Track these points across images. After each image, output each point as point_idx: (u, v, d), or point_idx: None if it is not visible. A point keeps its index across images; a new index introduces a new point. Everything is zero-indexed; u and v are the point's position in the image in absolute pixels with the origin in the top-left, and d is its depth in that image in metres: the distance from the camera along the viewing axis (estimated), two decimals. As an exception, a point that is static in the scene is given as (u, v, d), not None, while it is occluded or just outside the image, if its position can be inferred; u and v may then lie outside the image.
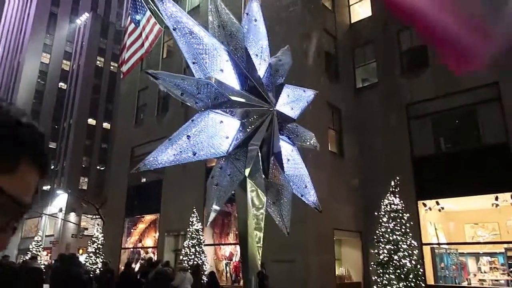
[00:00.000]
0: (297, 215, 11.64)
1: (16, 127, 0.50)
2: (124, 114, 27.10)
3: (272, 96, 3.96)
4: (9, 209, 0.50)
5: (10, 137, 0.49)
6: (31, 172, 0.53)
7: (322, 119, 17.27)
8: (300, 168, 4.26)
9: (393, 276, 8.41)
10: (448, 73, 17.09)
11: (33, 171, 0.53)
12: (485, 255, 17.90)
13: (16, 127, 0.50)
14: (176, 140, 3.18)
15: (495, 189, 15.43)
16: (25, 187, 0.52)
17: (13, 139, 0.50)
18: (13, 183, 0.50)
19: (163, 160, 3.04)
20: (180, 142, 3.16)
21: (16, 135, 0.50)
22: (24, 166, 0.51)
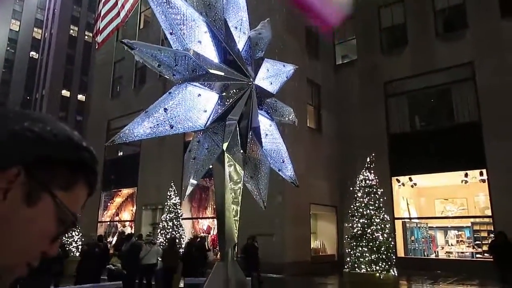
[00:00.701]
0: (274, 190, 11.80)
1: (80, 151, 0.59)
2: (99, 86, 26.36)
3: (251, 70, 3.90)
4: (66, 221, 0.58)
5: (75, 161, 0.58)
6: (84, 190, 0.61)
7: (301, 95, 17.29)
8: (278, 143, 4.27)
9: (365, 249, 8.70)
10: (426, 52, 17.35)
11: (85, 189, 0.62)
12: (453, 229, 18.76)
13: (80, 151, 0.59)
14: (153, 113, 3.12)
15: (465, 166, 16.02)
16: (78, 202, 0.60)
17: (77, 162, 0.59)
18: (70, 198, 0.58)
19: (139, 132, 2.99)
20: (156, 115, 3.10)
21: (80, 158, 0.59)
22: (80, 184, 0.60)
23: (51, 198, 0.56)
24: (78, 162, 0.59)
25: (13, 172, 0.53)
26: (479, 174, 15.81)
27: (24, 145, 0.55)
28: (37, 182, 0.55)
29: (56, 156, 0.57)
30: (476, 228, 17.53)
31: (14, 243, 0.54)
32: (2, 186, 0.53)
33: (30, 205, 0.54)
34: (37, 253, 0.57)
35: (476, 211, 17.89)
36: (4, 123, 0.56)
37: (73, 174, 0.59)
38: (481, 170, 15.62)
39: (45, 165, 0.56)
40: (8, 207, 0.53)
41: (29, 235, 0.55)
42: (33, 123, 0.57)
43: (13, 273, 0.56)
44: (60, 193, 0.57)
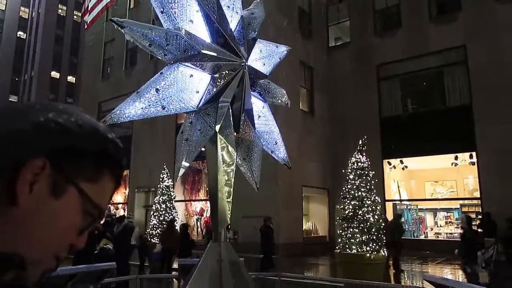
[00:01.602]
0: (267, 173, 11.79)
1: (106, 143, 0.59)
2: (89, 68, 25.94)
3: (243, 50, 3.85)
4: (92, 213, 0.58)
5: (100, 152, 0.58)
6: (110, 183, 0.60)
7: (294, 77, 17.21)
8: (270, 125, 4.25)
9: (356, 230, 8.83)
10: (419, 35, 17.27)
11: (111, 182, 0.61)
12: (442, 210, 19.10)
13: (106, 143, 0.59)
14: (144, 93, 3.07)
15: (455, 149, 16.19)
16: (104, 195, 0.60)
17: (102, 154, 0.58)
18: (96, 191, 0.57)
19: (131, 113, 2.95)
20: (148, 96, 3.05)
21: (105, 150, 0.58)
22: (106, 176, 0.59)
23: (76, 190, 0.56)
24: (103, 153, 0.58)
25: (38, 164, 0.52)
26: (469, 156, 16.01)
27: (48, 136, 0.54)
28: (63, 174, 0.55)
29: (81, 147, 0.56)
30: (464, 209, 17.83)
31: (41, 236, 0.54)
32: (28, 179, 0.52)
33: (56, 197, 0.54)
34: (65, 245, 0.57)
35: (465, 193, 18.20)
36: (29, 114, 0.55)
37: (99, 166, 0.58)
38: (471, 153, 15.82)
39: (70, 156, 0.55)
40: (35, 200, 0.53)
41: (56, 228, 0.55)
42: (57, 114, 0.56)
43: (41, 266, 0.55)
44: (86, 185, 0.57)
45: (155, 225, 14.77)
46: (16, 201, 0.52)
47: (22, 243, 0.53)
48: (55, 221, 0.55)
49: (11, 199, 0.52)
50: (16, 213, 0.52)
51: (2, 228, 0.52)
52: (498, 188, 14.31)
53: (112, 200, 6.81)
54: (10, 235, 0.52)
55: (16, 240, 0.52)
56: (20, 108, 0.57)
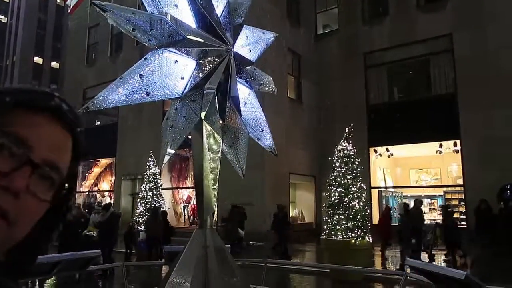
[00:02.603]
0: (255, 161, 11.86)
1: (25, 94, 0.52)
2: (73, 53, 25.38)
3: (229, 36, 3.80)
4: (13, 150, 0.48)
5: (19, 102, 0.51)
6: (51, 125, 0.52)
7: (282, 65, 17.14)
8: (257, 112, 4.24)
9: (342, 217, 8.92)
10: (407, 23, 17.31)
11: (54, 125, 0.53)
12: (426, 197, 19.44)
13: (25, 94, 0.52)
14: (128, 79, 3.01)
15: (440, 137, 16.43)
16: (39, 136, 0.51)
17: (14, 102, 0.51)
18: (13, 122, 0.49)
19: (114, 99, 2.90)
20: (132, 81, 3.00)
21: (21, 99, 0.51)
22: (36, 118, 0.51)
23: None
24: (28, 104, 0.51)
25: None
26: (453, 144, 16.26)
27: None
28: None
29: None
30: (448, 196, 18.22)
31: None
32: None
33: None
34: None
35: (449, 180, 18.54)
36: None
37: (15, 97, 0.51)
38: (455, 141, 16.07)
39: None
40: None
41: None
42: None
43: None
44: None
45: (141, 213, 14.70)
46: None
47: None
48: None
49: None
50: None
51: None
52: (480, 176, 14.61)
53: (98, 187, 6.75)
54: None
55: None
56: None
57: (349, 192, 9.16)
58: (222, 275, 3.31)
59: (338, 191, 9.21)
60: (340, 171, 9.42)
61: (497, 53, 14.99)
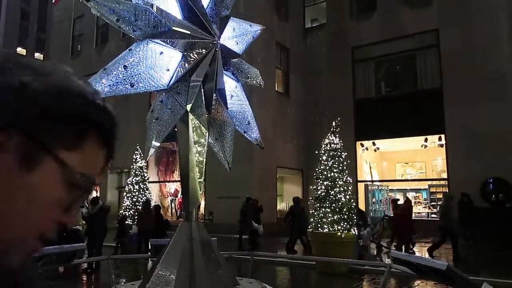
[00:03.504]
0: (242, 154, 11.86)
1: (88, 107, 0.50)
2: (58, 45, 24.92)
3: (216, 28, 3.77)
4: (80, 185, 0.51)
5: (82, 117, 0.50)
6: (98, 150, 0.53)
7: (270, 58, 17.11)
8: (243, 105, 4.22)
9: (328, 210, 9.00)
10: (394, 18, 17.43)
11: (100, 149, 0.54)
12: (412, 191, 19.76)
13: (88, 107, 0.50)
14: (112, 70, 2.97)
15: (425, 131, 16.66)
16: (92, 164, 0.53)
17: (84, 119, 0.50)
18: (81, 159, 0.50)
19: (97, 90, 2.86)
20: (116, 73, 2.96)
21: (87, 115, 0.50)
22: (91, 144, 0.52)
23: (54, 160, 0.48)
24: (85, 119, 0.51)
25: (3, 132, 0.45)
26: (438, 139, 16.51)
27: (21, 101, 0.46)
28: (36, 142, 0.47)
29: (58, 112, 0.48)
30: (432, 190, 18.55)
31: (16, 214, 0.47)
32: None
33: (30, 169, 0.47)
34: (50, 223, 0.50)
35: (434, 174, 18.86)
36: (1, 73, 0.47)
37: (81, 133, 0.51)
38: (440, 135, 16.32)
39: (44, 122, 0.47)
40: (5, 174, 0.46)
41: (33, 204, 0.48)
42: (34, 75, 0.48)
43: (24, 247, 0.49)
44: (66, 154, 0.49)
45: (128, 206, 14.62)
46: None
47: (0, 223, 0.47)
48: (32, 196, 0.48)
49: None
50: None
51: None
52: (464, 170, 14.88)
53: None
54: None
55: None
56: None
57: (336, 185, 9.24)
58: (207, 268, 3.31)
59: (325, 185, 9.28)
60: (327, 164, 9.48)
61: (482, 49, 15.21)
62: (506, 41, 14.98)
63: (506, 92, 14.65)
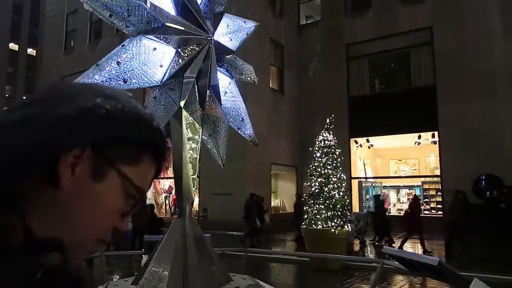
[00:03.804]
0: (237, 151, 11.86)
1: (150, 132, 0.58)
2: (51, 40, 24.68)
3: (210, 24, 3.76)
4: (134, 196, 0.58)
5: (143, 140, 0.57)
6: (151, 167, 0.60)
7: (264, 55, 17.09)
8: (237, 102, 4.22)
9: (322, 206, 9.04)
10: (388, 15, 17.46)
11: (152, 166, 0.61)
12: (405, 187, 19.90)
13: (150, 132, 0.58)
14: (105, 66, 2.96)
15: (419, 128, 16.75)
16: (145, 178, 0.60)
17: (145, 142, 0.58)
18: (137, 174, 0.57)
19: (90, 86, 2.84)
20: (108, 68, 2.94)
21: (149, 139, 0.58)
22: (146, 161, 0.59)
23: (117, 173, 0.56)
24: (147, 142, 0.58)
25: (78, 147, 0.52)
26: (431, 136, 16.62)
27: (93, 122, 0.53)
28: (104, 157, 0.54)
29: (125, 135, 0.55)
30: (426, 187, 18.68)
31: (84, 219, 0.54)
32: (69, 162, 0.52)
33: (98, 180, 0.54)
34: (108, 228, 0.57)
35: (427, 171, 18.98)
36: (76, 98, 0.54)
37: (141, 151, 0.58)
38: (433, 132, 16.42)
39: (112, 141, 0.55)
40: (77, 183, 0.53)
41: (99, 211, 0.55)
42: (105, 100, 0.55)
43: (85, 248, 0.57)
44: (127, 168, 0.56)
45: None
46: (59, 184, 0.51)
47: (66, 227, 0.53)
48: (98, 204, 0.55)
49: (54, 182, 0.51)
50: (59, 196, 0.52)
51: (46, 212, 0.52)
52: (457, 167, 15.00)
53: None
54: (54, 218, 0.52)
55: (60, 224, 0.53)
56: (69, 91, 0.56)
57: (330, 182, 9.28)
58: (201, 264, 3.32)
59: (319, 181, 9.32)
60: (320, 161, 9.51)
61: (475, 47, 15.30)
62: (499, 38, 15.08)
63: (498, 89, 14.77)
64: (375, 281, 3.95)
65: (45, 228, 0.51)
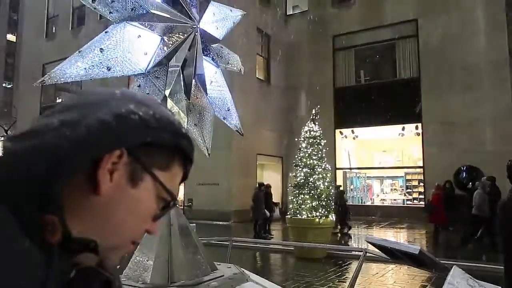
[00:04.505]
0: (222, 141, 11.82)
1: (180, 138, 0.60)
2: (31, 26, 24.02)
3: (196, 12, 3.71)
4: (166, 200, 0.60)
5: (173, 146, 0.60)
6: (179, 172, 0.63)
7: (251, 45, 16.99)
8: (223, 91, 4.19)
9: (307, 196, 9.12)
10: (375, 7, 17.52)
11: (180, 171, 0.63)
12: (388, 178, 20.22)
13: (180, 138, 0.60)
14: (88, 53, 2.89)
15: (403, 120, 16.98)
16: (175, 182, 0.62)
17: (175, 147, 0.60)
18: (168, 179, 0.60)
19: (73, 73, 2.77)
20: (91, 55, 2.88)
21: (179, 144, 0.60)
22: (176, 166, 0.61)
23: (151, 178, 0.58)
24: (177, 147, 0.61)
25: (116, 153, 0.54)
26: (415, 128, 16.87)
27: (128, 128, 0.55)
28: (139, 163, 0.56)
29: (156, 140, 0.57)
30: (408, 177, 19.02)
31: (121, 223, 0.56)
32: (108, 168, 0.54)
33: (134, 185, 0.56)
34: (142, 231, 0.60)
35: (410, 162, 19.30)
36: (110, 104, 0.56)
37: (171, 157, 0.60)
38: (417, 124, 16.66)
39: (145, 147, 0.56)
40: (115, 188, 0.55)
41: (135, 215, 0.57)
42: (137, 106, 0.57)
43: (121, 251, 0.59)
44: (159, 173, 0.59)
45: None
46: (99, 190, 0.53)
47: (103, 230, 0.55)
48: (134, 208, 0.57)
49: (94, 188, 0.53)
50: (98, 201, 0.54)
51: (84, 214, 0.54)
52: (439, 158, 15.30)
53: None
54: (92, 221, 0.54)
55: (98, 227, 0.55)
56: (102, 97, 0.58)
57: (315, 172, 9.36)
58: (186, 253, 3.32)
59: (304, 172, 9.39)
60: (306, 152, 9.57)
61: (459, 40, 15.50)
62: (482, 32, 15.30)
63: (480, 82, 15.03)
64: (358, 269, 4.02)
65: (81, 230, 0.53)
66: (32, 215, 0.50)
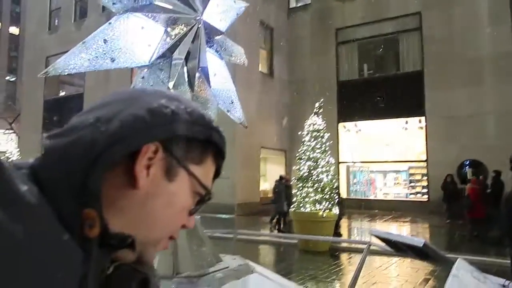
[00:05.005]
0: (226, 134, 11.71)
1: (212, 131, 0.61)
2: (34, 19, 23.98)
3: (199, 4, 3.68)
4: (201, 194, 0.60)
5: (206, 139, 0.60)
6: (212, 166, 0.63)
7: (254, 38, 16.90)
8: (227, 83, 4.17)
9: (310, 190, 9.13)
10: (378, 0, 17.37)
11: (213, 166, 0.63)
12: (391, 172, 20.15)
13: (212, 131, 0.61)
14: (91, 44, 2.87)
15: (406, 114, 16.90)
16: (209, 176, 0.63)
17: (207, 141, 0.60)
18: (202, 173, 0.60)
19: (76, 64, 2.76)
20: (95, 46, 2.86)
21: (211, 138, 0.60)
22: (209, 160, 0.62)
23: (186, 172, 0.58)
24: (209, 141, 0.60)
25: (151, 148, 0.54)
26: (418, 121, 16.79)
27: (162, 121, 0.55)
28: (174, 158, 0.57)
29: (189, 134, 0.58)
30: (411, 171, 18.95)
31: (159, 218, 0.56)
32: (145, 163, 0.54)
33: (170, 180, 0.56)
34: (178, 226, 0.60)
35: (413, 156, 19.23)
36: (141, 99, 0.57)
37: (204, 151, 0.61)
38: (420, 118, 16.59)
39: (179, 141, 0.57)
40: (152, 183, 0.55)
41: (172, 210, 0.57)
42: (169, 100, 0.57)
43: (158, 248, 0.59)
44: (193, 167, 0.59)
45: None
46: (137, 185, 0.53)
47: (141, 225, 0.55)
48: (171, 203, 0.57)
49: (131, 183, 0.53)
50: (136, 196, 0.54)
51: (122, 209, 0.54)
52: (442, 152, 15.24)
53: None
54: (130, 217, 0.54)
55: (136, 222, 0.55)
56: (133, 94, 0.59)
57: (318, 166, 9.35)
58: (191, 245, 3.32)
59: (307, 165, 9.38)
60: (309, 145, 9.56)
61: (463, 34, 15.37)
62: (485, 26, 15.16)
63: (484, 76, 14.92)
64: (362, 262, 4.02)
65: (119, 225, 0.53)
66: (71, 208, 0.50)
